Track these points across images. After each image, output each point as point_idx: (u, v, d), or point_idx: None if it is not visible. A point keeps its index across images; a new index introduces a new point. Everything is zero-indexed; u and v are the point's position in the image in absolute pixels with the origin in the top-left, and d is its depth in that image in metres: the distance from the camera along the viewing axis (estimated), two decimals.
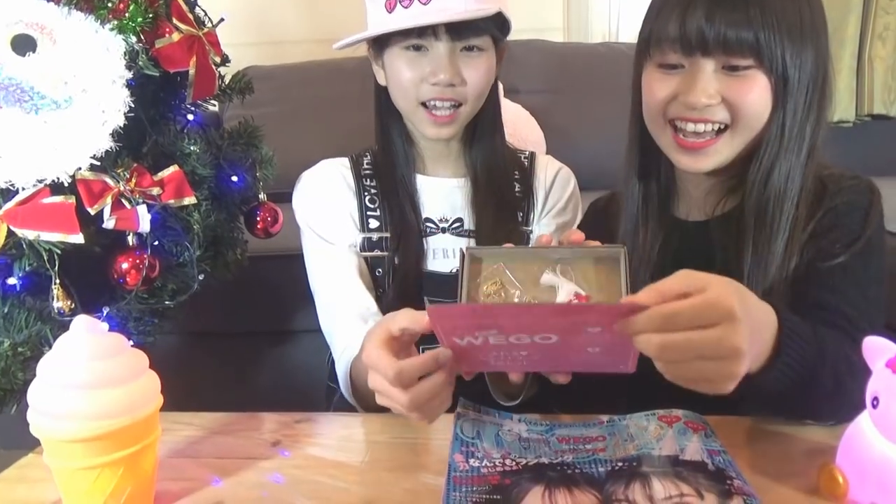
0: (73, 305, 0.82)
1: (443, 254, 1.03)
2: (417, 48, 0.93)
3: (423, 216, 1.03)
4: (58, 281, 0.80)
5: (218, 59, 0.97)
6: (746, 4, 0.71)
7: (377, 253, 1.00)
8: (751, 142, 0.77)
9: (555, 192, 1.08)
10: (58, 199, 0.77)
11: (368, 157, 1.07)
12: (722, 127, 0.76)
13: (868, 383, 0.56)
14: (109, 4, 0.82)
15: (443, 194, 1.04)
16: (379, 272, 1.01)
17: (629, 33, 2.23)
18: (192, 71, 0.89)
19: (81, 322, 0.58)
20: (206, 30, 0.92)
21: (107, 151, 0.79)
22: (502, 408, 0.77)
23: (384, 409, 0.65)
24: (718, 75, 0.75)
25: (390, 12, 0.93)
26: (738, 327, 0.51)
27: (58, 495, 0.60)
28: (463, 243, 1.02)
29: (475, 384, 0.72)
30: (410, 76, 0.94)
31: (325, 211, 1.02)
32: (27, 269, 0.79)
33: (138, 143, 0.87)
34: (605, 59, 1.97)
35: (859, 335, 0.66)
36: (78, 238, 0.77)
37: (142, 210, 0.81)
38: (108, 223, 0.80)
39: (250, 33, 2.23)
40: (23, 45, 0.77)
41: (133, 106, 0.81)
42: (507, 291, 0.67)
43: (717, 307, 0.51)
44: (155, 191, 0.85)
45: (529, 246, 0.73)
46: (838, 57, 1.91)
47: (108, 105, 0.79)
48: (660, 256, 0.86)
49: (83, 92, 0.78)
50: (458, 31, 0.92)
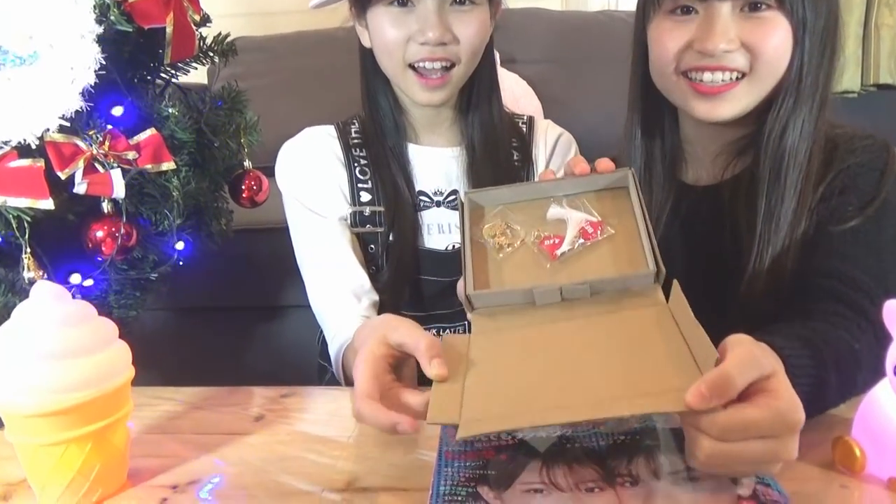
0: (45, 276, 0.78)
1: (438, 229, 0.96)
2: (403, 3, 0.86)
3: (416, 189, 0.97)
4: (28, 250, 0.76)
5: (197, 18, 0.92)
6: None
7: (369, 228, 0.95)
8: (769, 91, 0.73)
9: (556, 159, 1.02)
10: (25, 162, 0.73)
11: (356, 125, 1.00)
12: (739, 75, 0.72)
13: (889, 350, 0.53)
14: None
15: (437, 165, 0.98)
16: (372, 248, 0.95)
17: (629, 1, 2.17)
18: (169, 28, 0.84)
19: (43, 288, 0.54)
20: None
21: (77, 112, 0.75)
22: None
23: None
24: (736, 18, 0.70)
25: None
26: (797, 437, 0.46)
27: (22, 474, 0.56)
28: None
29: None
30: (396, 35, 0.86)
31: (313, 182, 0.96)
32: None
33: (112, 105, 0.82)
34: (604, 28, 1.91)
35: (871, 307, 0.63)
36: (47, 204, 0.73)
37: (116, 175, 0.77)
38: (80, 188, 0.75)
39: (240, 4, 2.17)
40: None
41: (105, 63, 0.76)
42: (512, 231, 0.65)
43: (786, 422, 0.45)
44: (130, 155, 0.80)
45: (531, 181, 0.68)
46: (844, 24, 1.85)
47: (77, 62, 0.74)
48: (667, 225, 0.82)
49: (50, 47, 0.73)
50: None
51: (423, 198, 0.97)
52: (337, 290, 0.90)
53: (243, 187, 1.00)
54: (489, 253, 0.64)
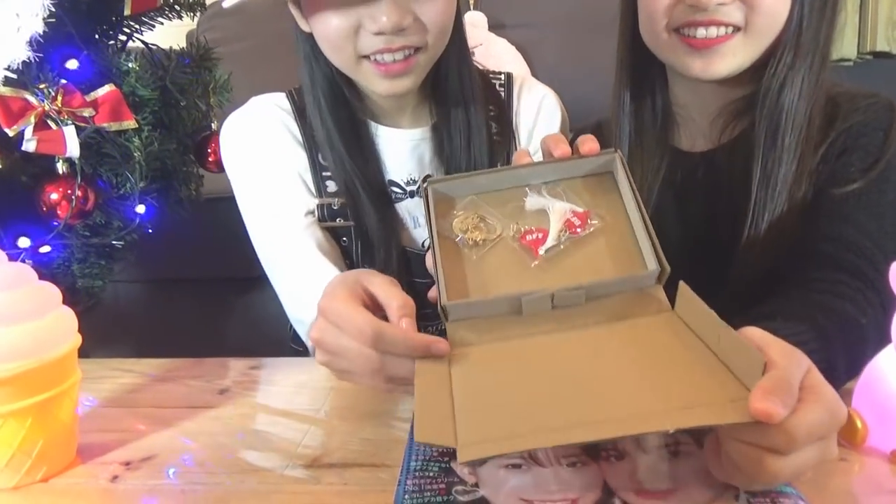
0: None
1: (413, 222, 0.83)
2: None
3: (387, 178, 0.82)
4: None
5: None
6: None
7: (340, 223, 0.81)
8: (766, 47, 0.68)
9: (540, 127, 0.89)
10: None
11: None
12: (734, 29, 0.67)
13: (894, 317, 0.49)
14: None
15: (407, 150, 0.83)
16: (345, 241, 0.82)
17: None
18: None
19: None
20: None
21: (25, 63, 0.69)
22: None
23: None
24: None
25: None
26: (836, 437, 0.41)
27: None
28: None
29: None
30: (340, 25, 0.68)
31: (266, 171, 0.79)
32: None
33: (66, 58, 0.77)
34: None
35: (875, 275, 0.60)
36: None
37: (69, 132, 0.72)
38: (29, 145, 0.70)
39: None
40: None
41: (56, 12, 0.71)
42: (487, 225, 0.56)
43: (836, 419, 0.40)
44: (87, 112, 0.75)
45: (502, 168, 0.58)
46: None
47: (23, 8, 0.68)
48: (660, 194, 0.77)
49: None
50: None
51: (394, 189, 0.83)
52: (310, 300, 0.78)
53: (209, 150, 0.95)
54: (462, 251, 0.55)
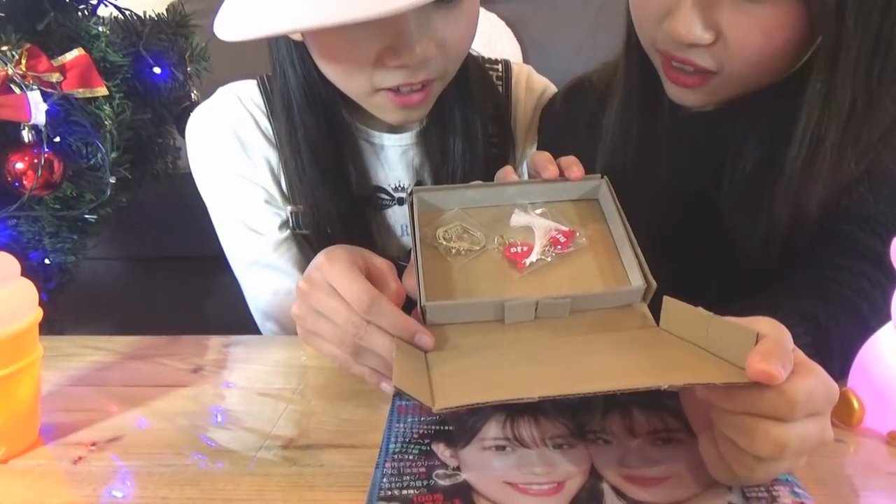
0: None
1: (401, 230, 0.78)
2: None
3: (373, 184, 0.76)
4: None
5: None
6: None
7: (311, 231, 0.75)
8: (765, 81, 0.58)
9: (536, 125, 0.82)
10: None
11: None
12: (709, 72, 0.58)
13: (895, 294, 0.47)
14: None
15: (395, 155, 0.77)
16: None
17: None
18: None
19: None
20: None
21: None
22: None
23: None
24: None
25: None
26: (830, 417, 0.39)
27: None
28: None
29: None
30: (356, 58, 0.60)
31: (238, 178, 0.73)
32: None
33: (32, 21, 0.73)
34: None
35: (885, 253, 0.55)
36: None
37: (34, 97, 0.68)
38: None
39: None
40: None
41: None
42: (471, 236, 0.55)
43: (830, 393, 0.38)
44: (54, 77, 0.71)
45: (490, 183, 0.57)
46: None
47: None
48: (666, 156, 0.68)
49: None
50: None
51: (382, 196, 0.77)
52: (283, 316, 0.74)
53: None
54: (445, 259, 0.54)
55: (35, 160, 0.70)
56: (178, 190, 1.02)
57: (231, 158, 0.73)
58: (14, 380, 0.48)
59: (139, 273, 1.46)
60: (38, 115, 0.68)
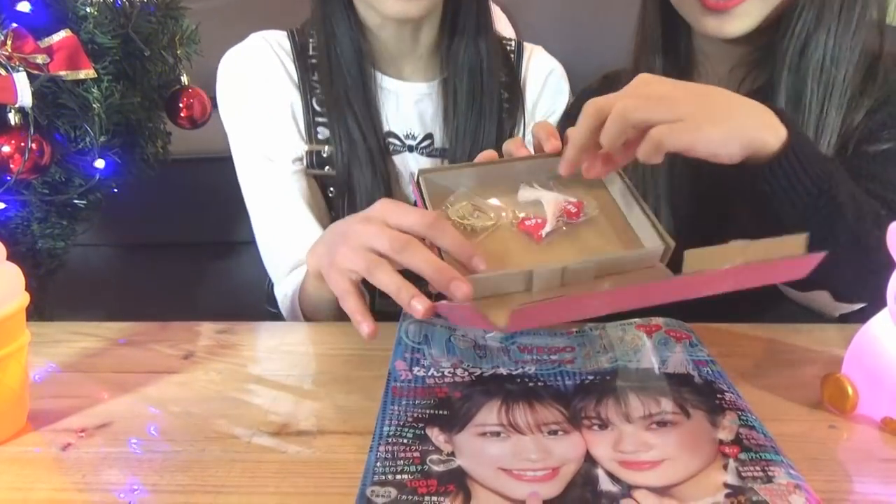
0: None
1: (409, 178, 0.81)
2: None
3: (385, 129, 0.82)
4: None
5: None
6: None
7: (329, 171, 0.80)
8: (782, 4, 0.65)
9: (546, 98, 0.87)
10: None
11: (314, 40, 0.82)
12: None
13: (891, 278, 0.47)
14: None
15: (409, 102, 0.82)
16: (332, 192, 0.81)
17: None
18: None
19: None
20: None
21: None
22: None
23: None
24: None
25: None
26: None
27: None
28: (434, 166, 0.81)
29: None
30: None
31: (260, 111, 0.80)
32: None
33: (17, 0, 0.71)
34: None
35: None
36: None
37: (20, 78, 0.67)
38: None
39: None
40: None
41: None
42: (483, 214, 0.56)
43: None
44: (40, 58, 0.70)
45: (494, 161, 0.59)
46: None
47: None
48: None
49: None
50: None
51: (392, 141, 0.81)
52: (289, 257, 0.77)
53: (181, 105, 0.90)
54: (464, 235, 0.54)
55: (22, 143, 0.69)
56: (169, 176, 1.01)
57: (255, 92, 0.79)
58: (0, 366, 0.47)
59: (130, 259, 1.45)
60: (25, 96, 0.67)
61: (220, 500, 0.41)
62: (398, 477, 0.40)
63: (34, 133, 0.69)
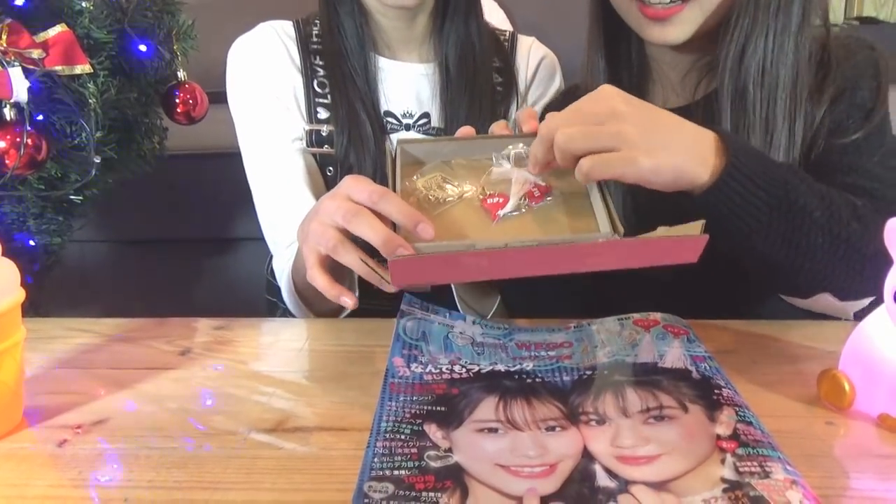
0: None
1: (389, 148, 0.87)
2: None
3: (383, 109, 0.86)
4: None
5: None
6: None
7: (327, 149, 0.84)
8: (723, 9, 0.66)
9: (537, 84, 0.92)
10: None
11: (317, 29, 0.87)
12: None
13: (888, 275, 0.47)
14: None
15: (406, 83, 0.87)
16: (330, 171, 0.85)
17: None
18: None
19: None
20: None
21: None
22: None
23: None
24: None
25: None
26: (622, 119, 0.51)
27: None
28: None
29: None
30: None
31: (264, 91, 0.85)
32: None
33: None
34: None
35: (885, 205, 0.58)
36: None
37: (15, 73, 0.66)
38: None
39: None
40: None
41: None
42: (450, 187, 0.57)
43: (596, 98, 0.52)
44: (35, 53, 0.70)
45: (472, 136, 0.61)
46: None
47: None
48: None
49: None
50: None
51: (390, 119, 0.86)
52: (289, 231, 0.80)
53: (178, 100, 0.90)
54: (422, 206, 0.56)
55: (17, 139, 0.69)
56: (166, 171, 1.01)
57: (261, 74, 0.84)
58: None
59: (126, 256, 1.44)
60: (20, 91, 0.66)
61: (217, 496, 0.41)
62: (395, 473, 0.40)
63: (30, 129, 0.69)
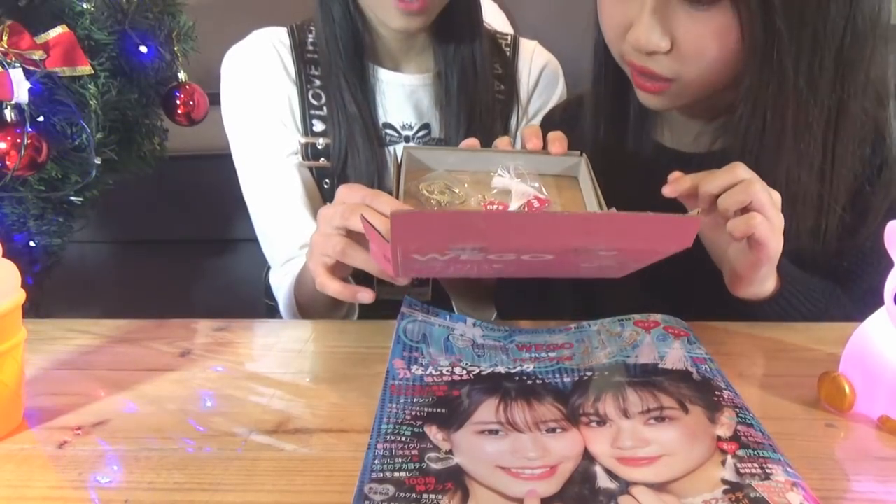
0: None
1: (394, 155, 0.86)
2: None
3: (382, 121, 0.84)
4: None
5: None
6: None
7: (323, 162, 0.83)
8: (717, 85, 0.63)
9: (539, 92, 0.90)
10: None
11: (313, 36, 0.85)
12: (667, 79, 0.63)
13: (888, 277, 0.47)
14: None
15: (405, 94, 0.85)
16: (327, 183, 0.84)
17: None
18: None
19: None
20: None
21: None
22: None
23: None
24: (675, 9, 0.59)
25: None
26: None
27: None
28: None
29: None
30: None
31: (259, 105, 0.83)
32: None
33: None
34: None
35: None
36: None
37: (16, 74, 0.66)
38: None
39: None
40: None
41: None
42: (452, 193, 0.58)
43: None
44: (37, 55, 0.70)
45: (478, 149, 0.61)
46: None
47: None
48: (645, 190, 0.67)
49: None
50: None
51: (389, 131, 0.84)
52: (285, 246, 0.80)
53: (178, 101, 0.90)
54: (424, 208, 0.56)
55: (18, 140, 0.69)
56: (167, 172, 1.01)
57: (255, 87, 0.83)
58: None
59: (127, 257, 1.44)
60: (21, 92, 0.67)
61: (217, 498, 0.41)
62: (396, 475, 0.40)
63: (31, 130, 0.69)
